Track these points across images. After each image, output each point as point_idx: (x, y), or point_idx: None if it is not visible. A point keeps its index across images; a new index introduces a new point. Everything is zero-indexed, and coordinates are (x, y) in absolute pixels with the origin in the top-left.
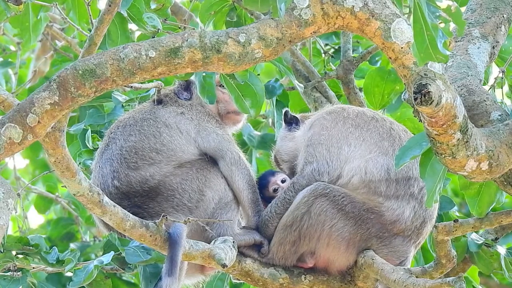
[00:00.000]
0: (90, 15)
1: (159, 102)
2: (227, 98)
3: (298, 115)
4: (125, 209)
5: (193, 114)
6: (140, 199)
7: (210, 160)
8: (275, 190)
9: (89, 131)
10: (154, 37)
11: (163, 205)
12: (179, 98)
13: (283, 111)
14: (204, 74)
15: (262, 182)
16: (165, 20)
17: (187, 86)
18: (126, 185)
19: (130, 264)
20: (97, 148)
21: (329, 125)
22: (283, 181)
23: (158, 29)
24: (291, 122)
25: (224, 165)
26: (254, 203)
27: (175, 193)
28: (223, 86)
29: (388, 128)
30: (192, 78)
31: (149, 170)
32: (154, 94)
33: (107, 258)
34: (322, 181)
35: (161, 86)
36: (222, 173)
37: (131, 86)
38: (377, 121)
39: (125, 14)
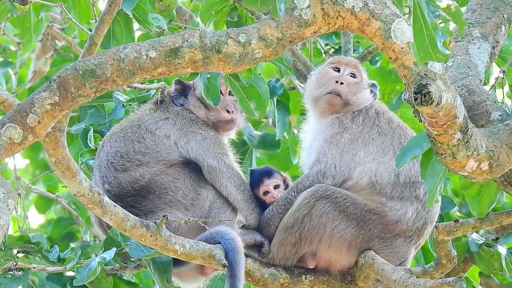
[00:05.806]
0: (95, 15)
1: (161, 102)
2: (218, 107)
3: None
4: None
5: (177, 120)
6: (133, 199)
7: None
8: (266, 193)
9: (91, 130)
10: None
11: (156, 202)
12: (174, 103)
13: (373, 82)
14: (208, 75)
15: (255, 180)
16: (170, 21)
17: (184, 91)
18: (117, 187)
19: (133, 258)
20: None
21: (356, 130)
22: (276, 187)
23: (164, 30)
24: (372, 88)
25: (205, 174)
26: (246, 202)
27: (168, 190)
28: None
29: (410, 137)
30: (190, 82)
31: (138, 170)
32: (157, 94)
33: (110, 254)
34: (325, 184)
35: (165, 87)
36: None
37: (135, 87)
38: (401, 129)
39: (130, 15)
